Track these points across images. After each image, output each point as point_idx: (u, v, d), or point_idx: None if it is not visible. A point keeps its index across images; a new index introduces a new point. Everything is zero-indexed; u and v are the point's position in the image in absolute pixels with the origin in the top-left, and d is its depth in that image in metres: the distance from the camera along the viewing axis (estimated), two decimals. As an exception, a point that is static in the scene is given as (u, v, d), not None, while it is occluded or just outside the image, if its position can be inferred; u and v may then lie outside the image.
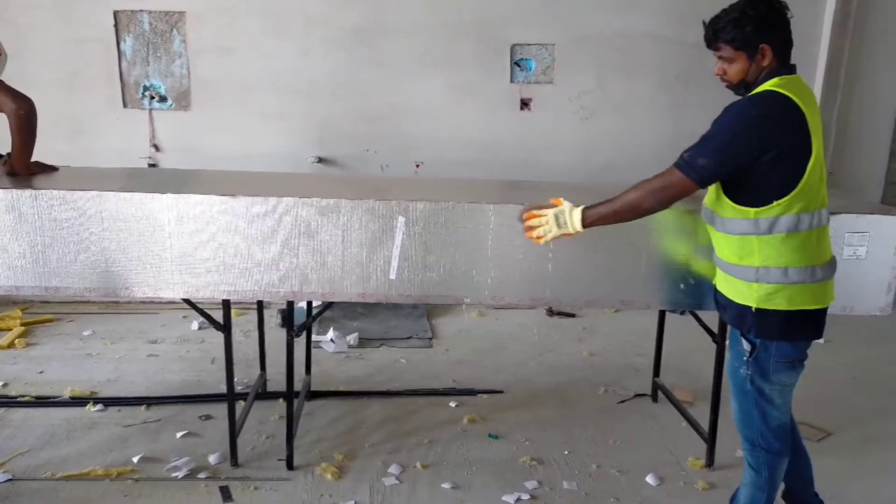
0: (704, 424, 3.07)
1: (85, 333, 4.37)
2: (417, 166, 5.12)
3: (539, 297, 2.67)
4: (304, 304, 3.70)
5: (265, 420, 3.33)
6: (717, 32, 2.08)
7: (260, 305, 3.58)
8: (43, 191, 2.49)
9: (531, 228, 2.36)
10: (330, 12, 4.87)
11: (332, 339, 4.26)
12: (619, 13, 5.04)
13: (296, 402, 3.27)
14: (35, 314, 4.61)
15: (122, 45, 4.83)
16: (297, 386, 3.38)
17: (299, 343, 3.51)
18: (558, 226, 2.28)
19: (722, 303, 2.27)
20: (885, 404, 3.68)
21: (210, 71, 4.87)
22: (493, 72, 5.06)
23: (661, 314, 3.54)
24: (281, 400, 3.44)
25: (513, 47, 5.05)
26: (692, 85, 5.07)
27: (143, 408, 3.41)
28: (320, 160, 5.03)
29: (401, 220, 2.53)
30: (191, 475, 2.86)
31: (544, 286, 2.61)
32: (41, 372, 3.80)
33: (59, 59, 4.77)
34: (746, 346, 2.13)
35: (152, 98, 4.91)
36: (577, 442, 3.22)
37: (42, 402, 3.44)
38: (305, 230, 2.52)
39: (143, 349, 4.16)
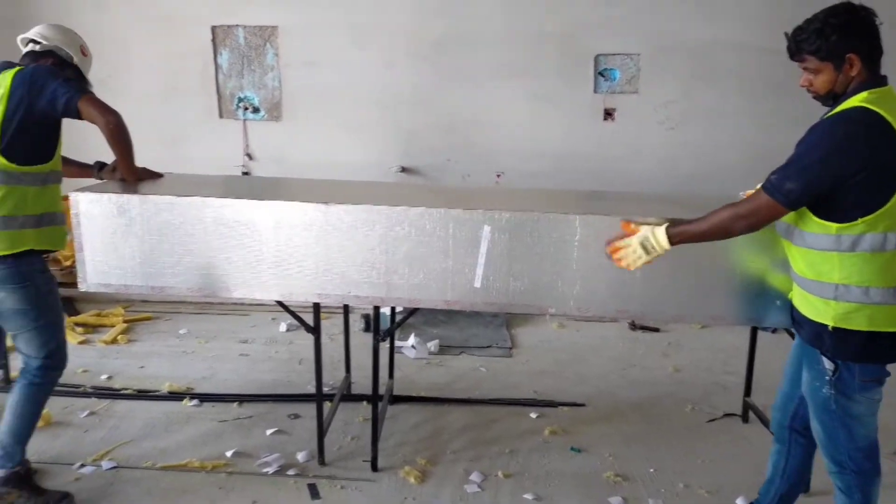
0: (798, 447, 2.94)
1: (181, 332, 4.59)
2: (498, 176, 5.15)
3: (624, 309, 2.64)
4: (387, 310, 3.78)
5: (350, 421, 3.41)
6: (799, 44, 2.02)
7: (346, 310, 3.67)
8: (151, 196, 2.66)
9: (619, 260, 2.31)
10: (413, 25, 4.97)
11: (413, 346, 4.33)
12: (705, 22, 4.92)
13: (380, 405, 3.34)
14: (136, 312, 4.89)
15: (219, 59, 5.08)
16: (381, 389, 3.45)
17: (383, 348, 3.58)
18: (646, 251, 2.22)
19: (798, 319, 2.20)
20: None
21: (300, 83, 5.06)
22: (576, 82, 5.04)
23: (753, 331, 3.41)
24: (365, 402, 3.52)
25: (597, 57, 5.01)
26: (784, 95, 4.88)
27: (235, 405, 3.56)
28: (403, 170, 5.13)
29: (486, 229, 2.55)
30: (280, 471, 2.97)
31: (631, 299, 2.58)
32: (142, 367, 4.02)
33: (160, 71, 5.07)
34: (829, 365, 2.05)
35: (246, 109, 5.13)
36: (663, 459, 3.15)
37: (143, 395, 3.64)
38: (394, 238, 2.58)
39: (235, 348, 4.34)
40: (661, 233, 2.18)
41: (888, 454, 3.20)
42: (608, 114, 5.11)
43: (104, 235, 2.68)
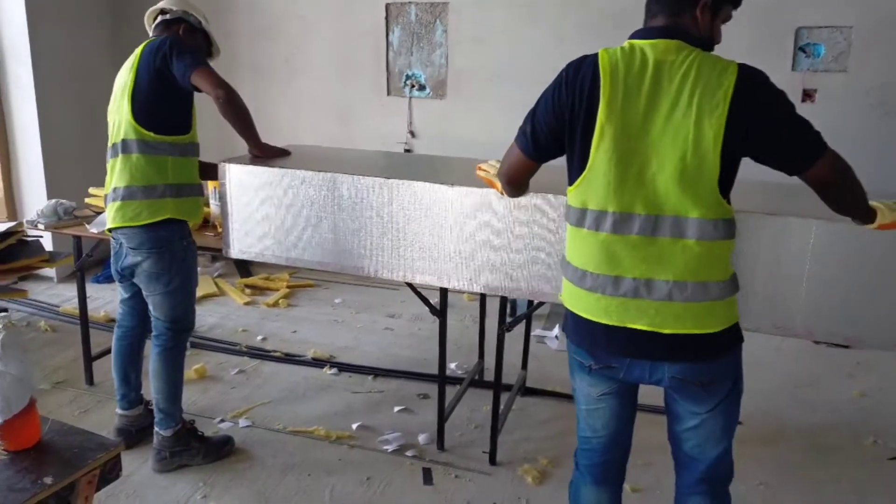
0: None
1: (336, 301, 4.79)
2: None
3: (785, 325, 2.26)
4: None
5: (477, 408, 3.33)
6: None
7: (482, 295, 3.57)
8: (290, 170, 2.67)
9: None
10: (585, -5, 4.68)
11: (556, 336, 4.13)
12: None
13: (507, 396, 3.22)
14: (300, 279, 5.18)
15: (391, 37, 5.16)
16: (512, 379, 3.33)
17: (519, 337, 3.45)
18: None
19: None
20: None
21: (465, 61, 4.99)
22: (771, 58, 4.43)
23: (963, 361, 2.81)
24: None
25: (798, 30, 4.40)
26: None
27: (370, 378, 3.62)
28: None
29: None
30: (399, 451, 2.96)
31: (794, 312, 2.20)
32: (294, 331, 4.24)
33: (336, 50, 5.26)
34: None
35: (413, 86, 5.18)
36: (825, 495, 2.71)
37: (289, 359, 3.83)
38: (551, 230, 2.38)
39: (382, 322, 4.43)
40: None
41: None
42: (807, 95, 4.48)
43: (247, 205, 2.78)
